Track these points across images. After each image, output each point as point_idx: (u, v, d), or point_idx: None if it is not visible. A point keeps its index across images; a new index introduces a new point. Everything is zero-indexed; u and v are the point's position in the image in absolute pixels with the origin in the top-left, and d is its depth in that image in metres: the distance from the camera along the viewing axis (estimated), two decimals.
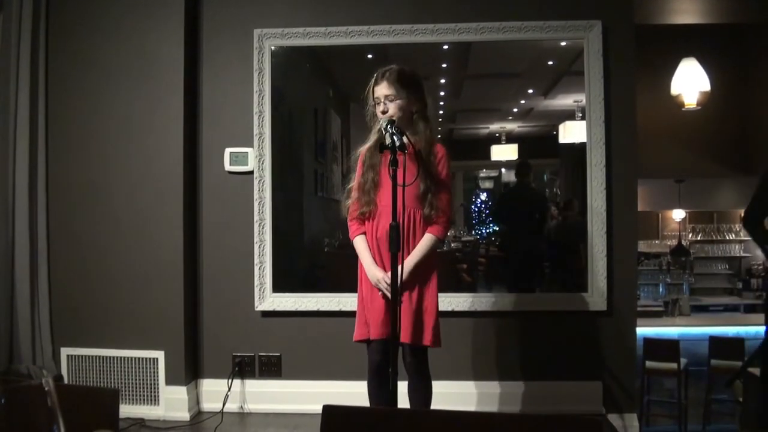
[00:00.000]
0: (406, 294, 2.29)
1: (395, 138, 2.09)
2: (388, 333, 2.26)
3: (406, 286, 2.29)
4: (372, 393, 2.42)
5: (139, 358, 3.20)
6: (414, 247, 2.32)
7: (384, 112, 2.32)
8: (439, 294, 2.53)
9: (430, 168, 2.32)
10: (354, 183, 2.44)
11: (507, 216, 3.55)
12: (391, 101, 2.31)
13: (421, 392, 2.37)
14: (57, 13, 3.26)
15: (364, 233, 2.40)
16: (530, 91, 3.46)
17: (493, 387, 3.26)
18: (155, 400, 3.19)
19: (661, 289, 9.00)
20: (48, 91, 3.26)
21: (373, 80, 2.36)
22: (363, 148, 2.44)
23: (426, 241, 2.32)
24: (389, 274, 2.20)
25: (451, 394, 3.22)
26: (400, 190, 2.18)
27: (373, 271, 2.33)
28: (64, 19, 3.26)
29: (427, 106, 2.42)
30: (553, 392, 3.22)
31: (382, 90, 2.32)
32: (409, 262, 2.29)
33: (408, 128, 2.29)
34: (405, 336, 2.26)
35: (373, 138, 2.43)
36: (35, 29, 3.18)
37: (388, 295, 2.23)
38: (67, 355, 3.24)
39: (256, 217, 3.30)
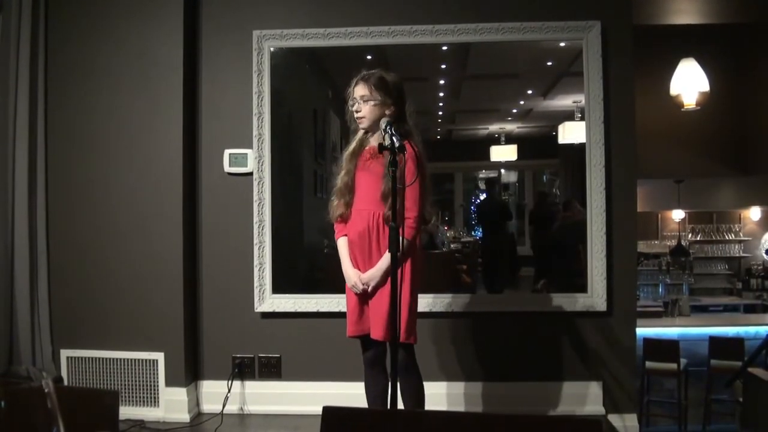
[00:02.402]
0: (378, 292, 2.35)
1: (394, 139, 2.09)
2: (360, 331, 2.41)
3: (379, 286, 2.34)
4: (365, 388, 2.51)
5: (138, 360, 3.20)
6: (381, 247, 2.35)
7: (357, 112, 2.39)
8: (438, 295, 2.55)
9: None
10: (336, 186, 2.50)
11: (481, 223, 3.65)
12: (365, 102, 2.37)
13: (409, 390, 2.39)
14: (57, 14, 3.26)
15: (346, 235, 2.47)
16: (529, 91, 3.46)
17: (493, 388, 3.25)
18: (155, 401, 3.19)
19: (660, 290, 9.00)
20: (48, 92, 3.26)
21: (354, 81, 2.41)
22: (346, 152, 2.50)
23: None
24: (361, 275, 2.36)
25: (450, 395, 3.22)
26: (367, 192, 2.34)
27: (348, 273, 2.42)
28: (64, 20, 3.26)
29: (405, 113, 2.42)
30: (553, 392, 3.22)
31: (359, 90, 2.39)
32: (380, 266, 2.34)
33: (376, 129, 2.37)
34: (375, 332, 2.33)
35: (354, 141, 2.48)
36: (35, 30, 3.18)
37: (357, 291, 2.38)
38: (67, 357, 3.24)
39: (255, 219, 3.30)
